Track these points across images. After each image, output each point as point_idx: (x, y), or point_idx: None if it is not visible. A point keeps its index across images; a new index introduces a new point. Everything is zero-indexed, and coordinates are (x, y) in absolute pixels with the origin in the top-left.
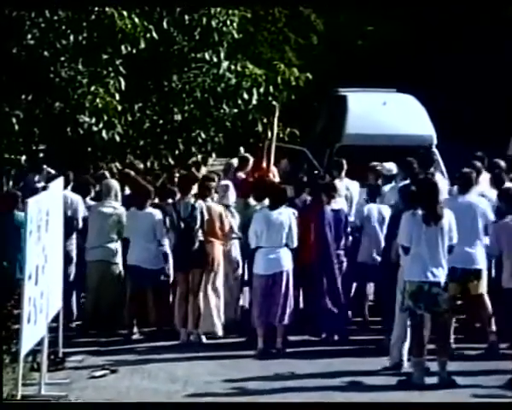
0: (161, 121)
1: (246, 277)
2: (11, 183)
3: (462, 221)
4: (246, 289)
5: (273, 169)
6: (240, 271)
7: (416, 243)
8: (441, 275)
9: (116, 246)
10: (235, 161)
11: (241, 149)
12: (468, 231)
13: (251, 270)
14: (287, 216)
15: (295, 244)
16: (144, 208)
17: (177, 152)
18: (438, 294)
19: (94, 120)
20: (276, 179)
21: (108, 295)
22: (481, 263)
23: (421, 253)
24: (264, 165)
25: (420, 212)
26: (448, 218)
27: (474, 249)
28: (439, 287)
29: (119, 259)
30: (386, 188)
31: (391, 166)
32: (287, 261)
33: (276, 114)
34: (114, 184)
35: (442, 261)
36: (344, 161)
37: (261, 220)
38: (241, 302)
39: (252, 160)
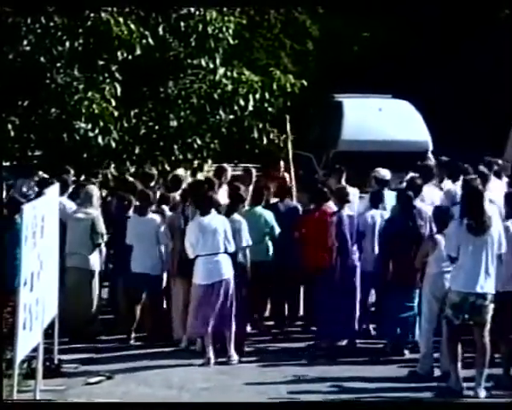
0: (157, 127)
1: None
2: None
3: None
4: None
5: (286, 175)
6: None
7: (463, 253)
8: (488, 286)
9: (91, 252)
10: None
11: None
12: None
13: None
14: (220, 221)
15: (233, 249)
16: (146, 214)
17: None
18: (482, 305)
19: (90, 126)
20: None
21: (83, 302)
22: None
23: (469, 263)
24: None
25: (467, 221)
26: (496, 226)
27: None
28: (485, 298)
29: (95, 266)
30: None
31: (385, 172)
32: (226, 269)
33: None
34: (93, 189)
35: (490, 272)
36: (343, 168)
37: (194, 229)
38: None
39: (254, 173)
